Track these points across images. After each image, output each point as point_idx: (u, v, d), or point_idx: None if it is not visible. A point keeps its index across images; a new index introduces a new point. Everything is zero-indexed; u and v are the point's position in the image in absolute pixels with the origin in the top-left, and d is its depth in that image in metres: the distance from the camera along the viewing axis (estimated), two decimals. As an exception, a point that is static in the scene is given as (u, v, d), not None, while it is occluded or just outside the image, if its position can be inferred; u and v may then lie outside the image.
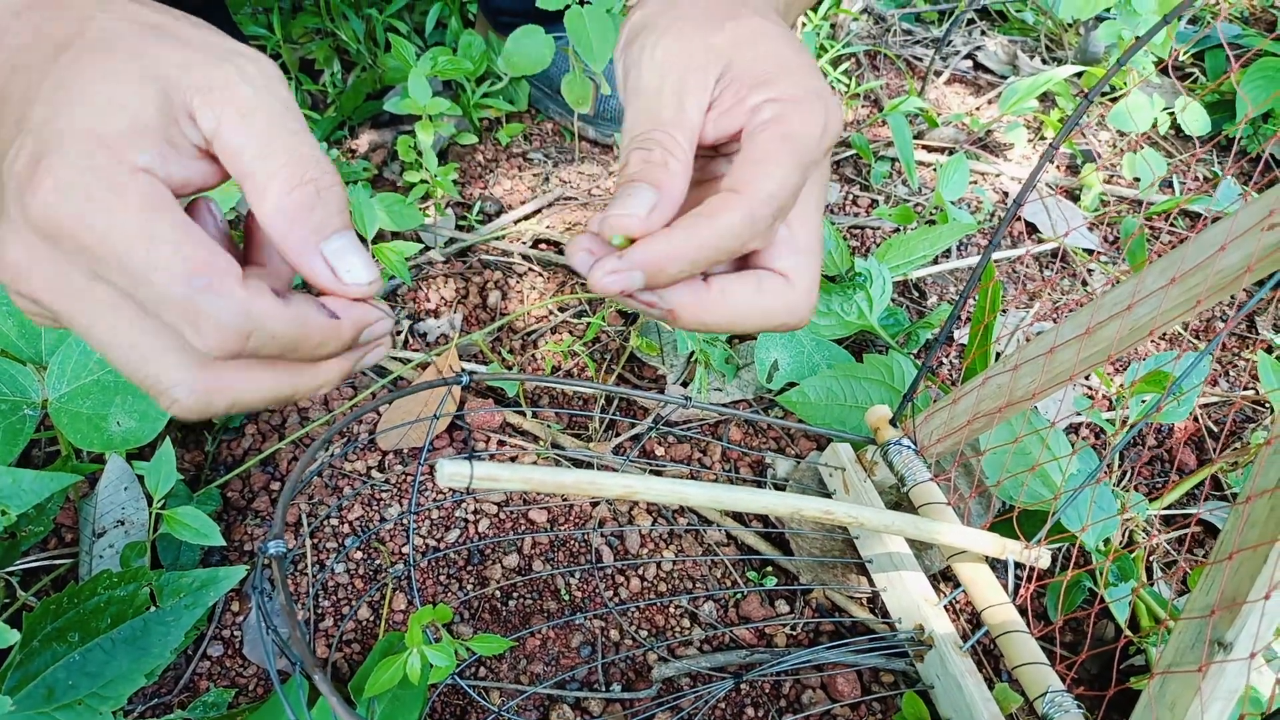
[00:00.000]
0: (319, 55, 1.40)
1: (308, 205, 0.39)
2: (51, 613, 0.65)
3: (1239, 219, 0.61)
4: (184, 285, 0.35)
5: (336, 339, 0.39)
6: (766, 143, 0.44)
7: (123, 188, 0.36)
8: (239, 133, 0.38)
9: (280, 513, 0.49)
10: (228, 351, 0.36)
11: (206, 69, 0.39)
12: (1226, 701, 0.55)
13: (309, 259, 0.39)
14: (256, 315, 0.36)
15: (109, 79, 0.38)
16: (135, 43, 0.39)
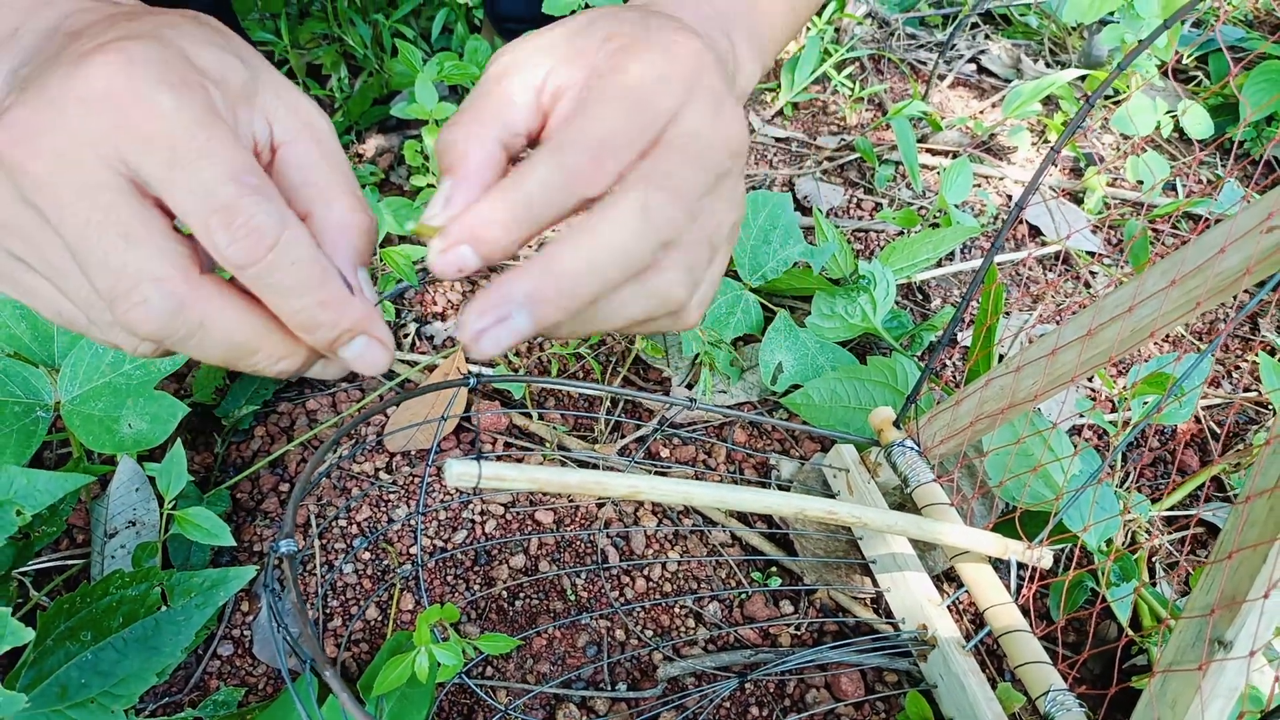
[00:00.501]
0: (326, 60, 1.41)
1: (365, 228, 0.39)
2: (65, 612, 0.65)
3: (1238, 222, 0.61)
4: (232, 178, 0.34)
5: (337, 312, 0.36)
6: (588, 88, 0.40)
7: (190, 83, 0.35)
8: (315, 152, 0.39)
9: (291, 512, 0.50)
10: (249, 254, 0.34)
11: (299, 97, 0.40)
12: (1227, 699, 0.55)
13: (351, 274, 0.38)
14: (291, 231, 0.35)
15: (209, 40, 0.38)
16: (247, 49, 0.40)
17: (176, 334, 0.36)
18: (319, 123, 0.40)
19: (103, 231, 0.35)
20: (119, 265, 0.35)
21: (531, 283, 0.37)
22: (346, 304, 0.37)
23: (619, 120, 0.39)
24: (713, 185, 0.41)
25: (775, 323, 1.00)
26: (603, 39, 0.42)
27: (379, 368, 0.38)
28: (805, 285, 1.05)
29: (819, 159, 1.40)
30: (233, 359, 0.37)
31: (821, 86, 1.56)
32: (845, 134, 1.46)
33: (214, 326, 0.36)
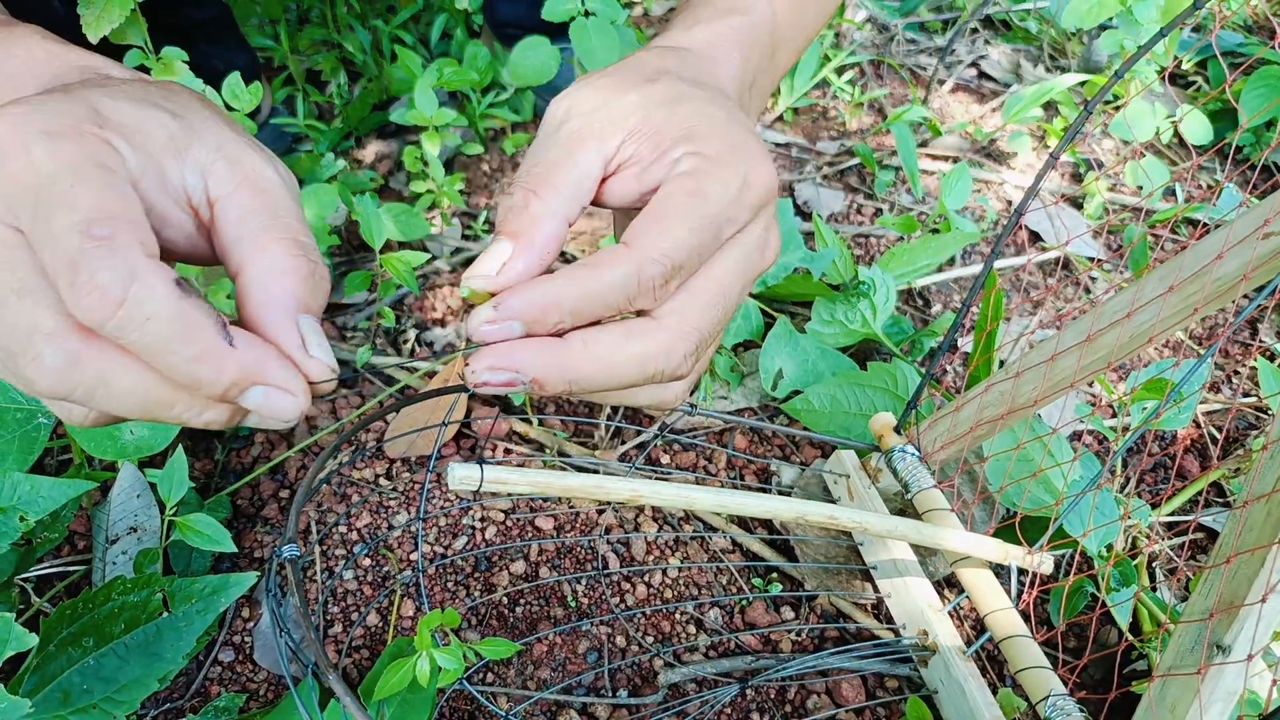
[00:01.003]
0: (325, 66, 1.41)
1: (302, 275, 0.37)
2: (67, 618, 0.66)
3: (1236, 227, 0.61)
4: (81, 229, 0.32)
5: (215, 366, 0.34)
6: (671, 198, 0.41)
7: (81, 132, 0.35)
8: (253, 200, 0.38)
9: (293, 518, 0.50)
10: (96, 316, 0.32)
11: (242, 149, 0.39)
12: (1225, 703, 0.56)
13: (285, 321, 0.37)
14: (140, 285, 0.33)
15: (143, 98, 0.38)
16: (190, 101, 0.40)
17: (76, 390, 0.34)
18: (265, 173, 0.39)
19: (2, 288, 0.34)
20: (13, 320, 0.34)
21: (551, 372, 0.40)
22: (223, 356, 0.34)
23: (695, 247, 0.41)
24: (744, 292, 0.45)
25: (775, 328, 1.00)
26: (683, 134, 0.43)
27: (288, 416, 0.36)
28: (805, 291, 1.05)
29: (819, 164, 1.40)
30: (151, 413, 0.36)
31: (821, 92, 1.56)
32: (845, 139, 1.46)
33: (116, 382, 0.35)
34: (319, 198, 0.97)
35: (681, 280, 0.42)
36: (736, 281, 0.44)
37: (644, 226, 0.41)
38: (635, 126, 0.44)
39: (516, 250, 0.40)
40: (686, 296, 0.42)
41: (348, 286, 1.00)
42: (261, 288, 0.37)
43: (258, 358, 0.35)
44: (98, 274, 0.32)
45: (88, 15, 0.66)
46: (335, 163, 1.22)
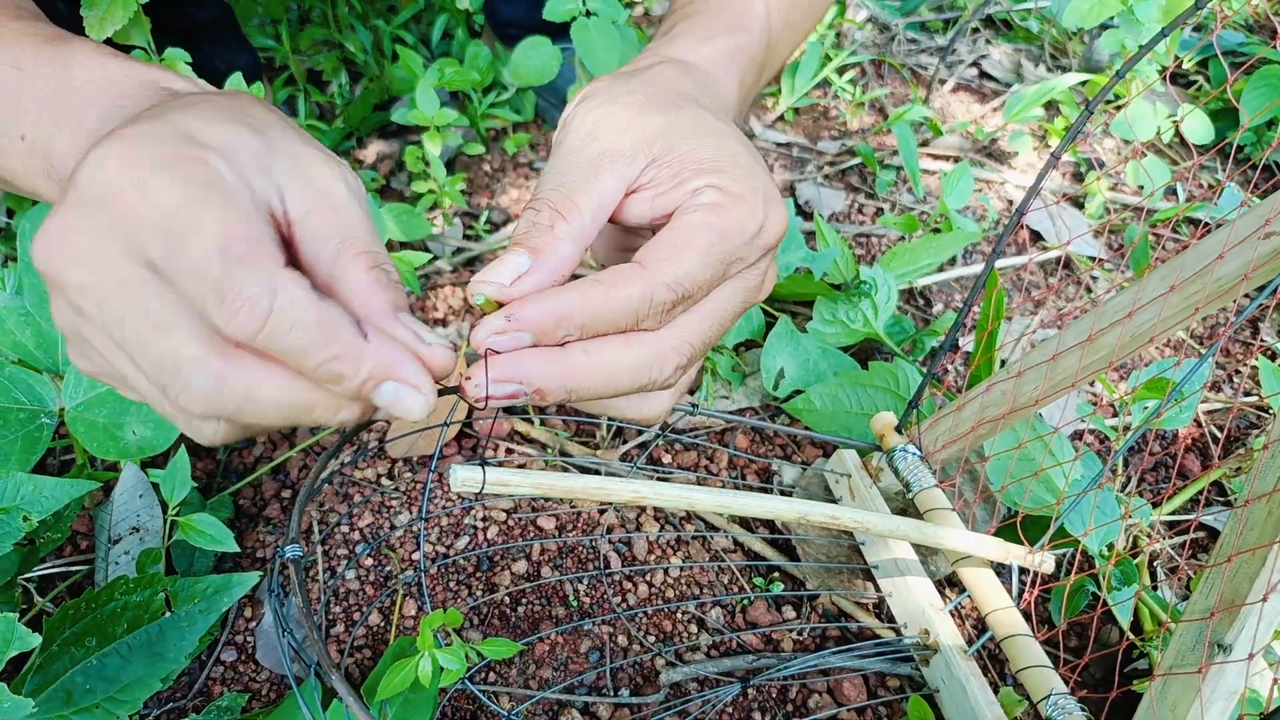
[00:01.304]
0: (326, 66, 1.41)
1: (385, 284, 0.39)
2: (70, 618, 0.66)
3: (1237, 227, 0.61)
4: (219, 253, 0.34)
5: (354, 363, 0.37)
6: (692, 226, 0.43)
7: (187, 158, 0.36)
8: (328, 221, 0.39)
9: (296, 517, 0.50)
10: (247, 330, 0.35)
11: (315, 163, 0.40)
12: (1226, 702, 0.56)
13: (392, 321, 0.39)
14: (283, 295, 0.35)
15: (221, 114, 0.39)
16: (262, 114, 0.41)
17: (227, 408, 0.37)
18: (335, 188, 0.40)
19: (138, 324, 0.36)
20: (157, 354, 0.36)
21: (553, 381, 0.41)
22: (362, 353, 0.37)
23: (706, 281, 0.42)
24: (736, 319, 0.47)
25: (777, 328, 1.00)
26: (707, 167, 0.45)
27: (415, 412, 0.38)
28: (807, 291, 1.05)
29: (820, 164, 1.40)
30: (293, 419, 0.38)
31: (822, 91, 1.56)
32: (846, 139, 1.46)
33: (261, 394, 0.37)
34: (321, 198, 0.97)
35: (686, 308, 0.43)
36: (733, 309, 0.46)
37: (661, 252, 0.42)
38: (659, 154, 0.45)
39: (534, 266, 0.41)
40: (685, 314, 0.44)
41: (349, 286, 1.00)
42: (359, 302, 0.38)
43: (391, 353, 0.37)
44: (244, 290, 0.34)
45: (91, 16, 0.66)
46: (337, 163, 1.22)
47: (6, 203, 1.08)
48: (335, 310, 0.36)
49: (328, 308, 0.36)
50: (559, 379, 0.41)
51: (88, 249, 0.36)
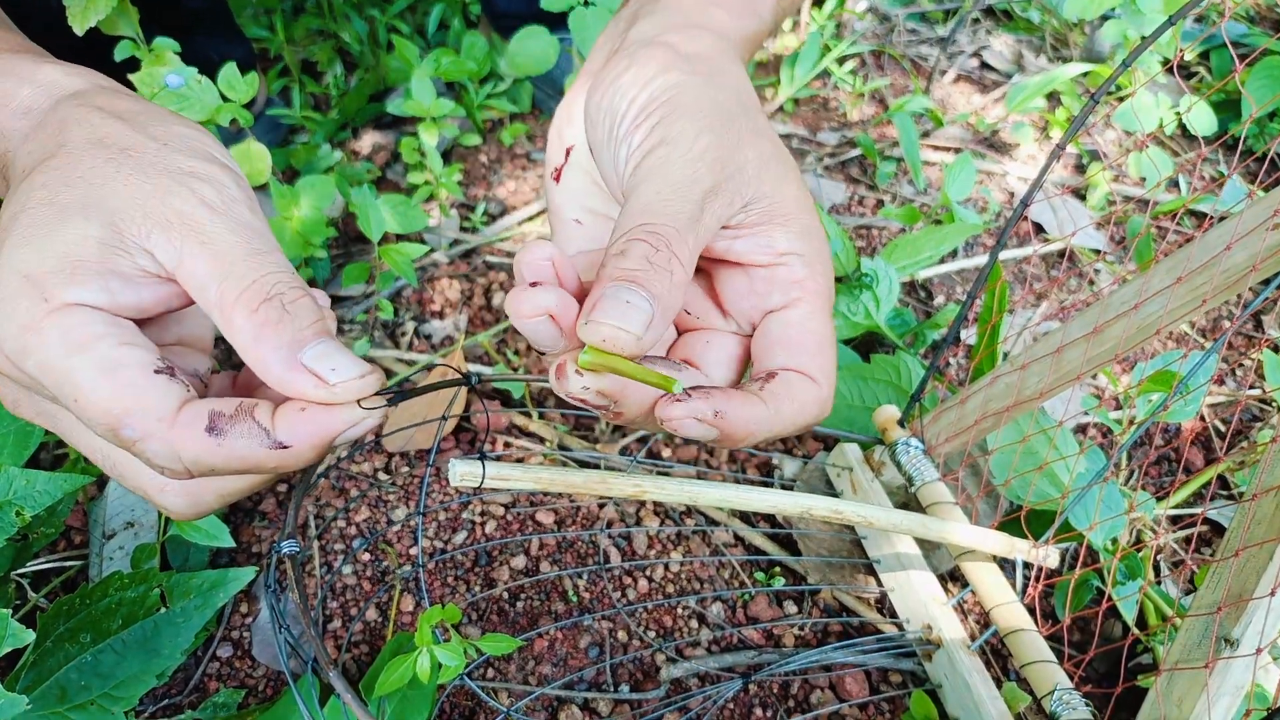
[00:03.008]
0: (321, 57, 1.40)
1: (274, 321, 0.37)
2: (64, 614, 0.65)
3: (1244, 219, 0.61)
4: (114, 435, 0.36)
5: (293, 460, 0.38)
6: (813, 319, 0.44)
7: (43, 330, 0.35)
8: (200, 263, 0.38)
9: (292, 512, 0.50)
10: (179, 478, 0.38)
11: (166, 200, 0.38)
12: (1233, 697, 0.55)
13: (291, 375, 0.37)
14: (188, 456, 0.36)
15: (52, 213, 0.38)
16: (94, 170, 0.39)
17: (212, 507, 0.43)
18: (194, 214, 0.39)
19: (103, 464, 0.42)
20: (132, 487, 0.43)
21: None
22: (286, 458, 0.38)
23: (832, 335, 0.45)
24: None
25: (777, 320, 0.99)
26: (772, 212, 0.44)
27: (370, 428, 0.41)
28: (807, 283, 1.04)
29: (820, 155, 1.39)
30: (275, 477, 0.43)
31: (822, 82, 1.55)
32: (847, 130, 1.45)
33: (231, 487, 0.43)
34: (316, 189, 0.96)
35: None
36: None
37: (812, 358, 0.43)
38: (751, 199, 0.43)
39: (656, 318, 0.36)
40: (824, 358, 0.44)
41: (345, 279, 0.99)
42: (254, 357, 0.37)
43: (313, 431, 0.38)
44: (152, 460, 0.37)
45: (74, 6, 0.64)
46: (332, 154, 1.21)
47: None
48: (243, 439, 0.37)
49: (231, 442, 0.37)
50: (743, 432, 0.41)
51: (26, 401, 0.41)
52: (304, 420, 0.37)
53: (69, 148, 0.40)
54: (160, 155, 0.40)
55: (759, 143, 0.45)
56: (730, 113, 0.45)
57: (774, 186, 0.44)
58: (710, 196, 0.40)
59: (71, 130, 0.41)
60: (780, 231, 0.44)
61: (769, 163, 0.44)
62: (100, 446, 0.41)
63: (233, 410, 0.37)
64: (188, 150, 0.41)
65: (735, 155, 0.43)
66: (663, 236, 0.38)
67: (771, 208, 0.44)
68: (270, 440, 0.37)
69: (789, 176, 0.46)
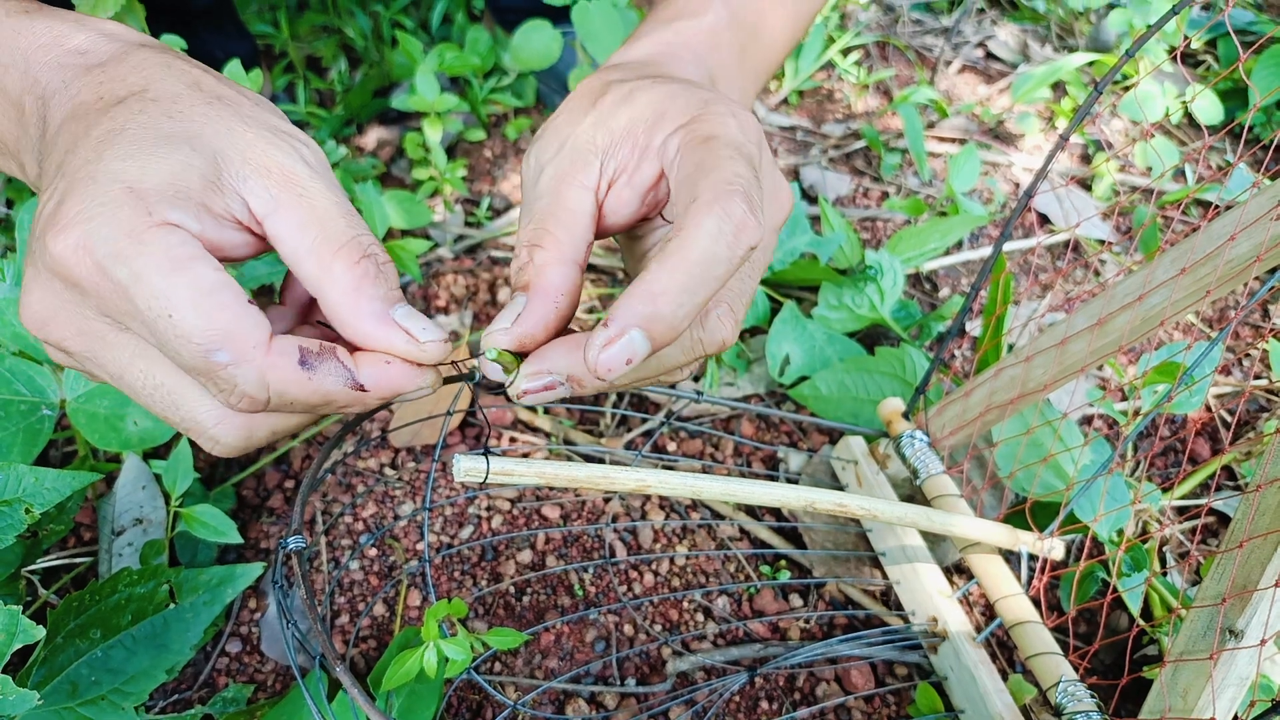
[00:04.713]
0: (325, 52, 1.40)
1: (373, 276, 0.39)
2: (74, 610, 0.66)
3: (1248, 209, 0.60)
4: (203, 358, 0.35)
5: (361, 404, 0.39)
6: (691, 154, 0.40)
7: (145, 241, 0.35)
8: (297, 215, 0.39)
9: (299, 508, 0.50)
10: (251, 409, 0.37)
11: (267, 150, 0.39)
12: (1238, 688, 0.55)
13: (385, 328, 0.39)
14: (277, 385, 0.37)
15: (157, 138, 0.37)
16: (194, 109, 0.39)
17: (260, 443, 0.41)
18: (295, 173, 0.39)
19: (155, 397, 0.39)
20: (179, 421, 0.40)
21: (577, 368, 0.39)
22: (364, 399, 0.39)
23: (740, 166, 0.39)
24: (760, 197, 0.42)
25: (782, 314, 1.00)
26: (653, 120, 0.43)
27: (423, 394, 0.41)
28: (812, 276, 1.04)
29: (825, 147, 1.39)
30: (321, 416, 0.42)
31: (827, 73, 1.55)
32: (851, 121, 1.45)
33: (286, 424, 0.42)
34: (321, 186, 0.96)
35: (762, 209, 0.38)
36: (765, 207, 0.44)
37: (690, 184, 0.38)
38: (604, 144, 0.44)
39: (529, 301, 0.40)
40: None
41: (351, 275, 0.99)
42: (346, 308, 0.39)
43: (390, 384, 0.39)
44: (238, 388, 0.36)
45: (82, 5, 0.65)
46: (337, 150, 1.22)
47: (6, 193, 1.07)
48: (327, 375, 0.38)
49: (318, 379, 0.37)
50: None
51: (67, 318, 0.38)
52: (386, 371, 0.39)
53: (163, 86, 0.40)
54: (256, 111, 0.41)
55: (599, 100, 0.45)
56: (574, 107, 0.46)
57: (627, 113, 0.44)
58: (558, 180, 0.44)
59: (158, 72, 0.41)
60: (655, 136, 0.43)
61: (617, 103, 0.44)
62: (151, 375, 0.38)
63: (318, 349, 0.38)
64: (277, 114, 0.42)
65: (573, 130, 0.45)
66: (523, 244, 0.42)
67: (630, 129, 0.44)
68: (352, 380, 0.38)
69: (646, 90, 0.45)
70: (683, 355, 0.42)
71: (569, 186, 0.43)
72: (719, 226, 0.36)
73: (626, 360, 0.35)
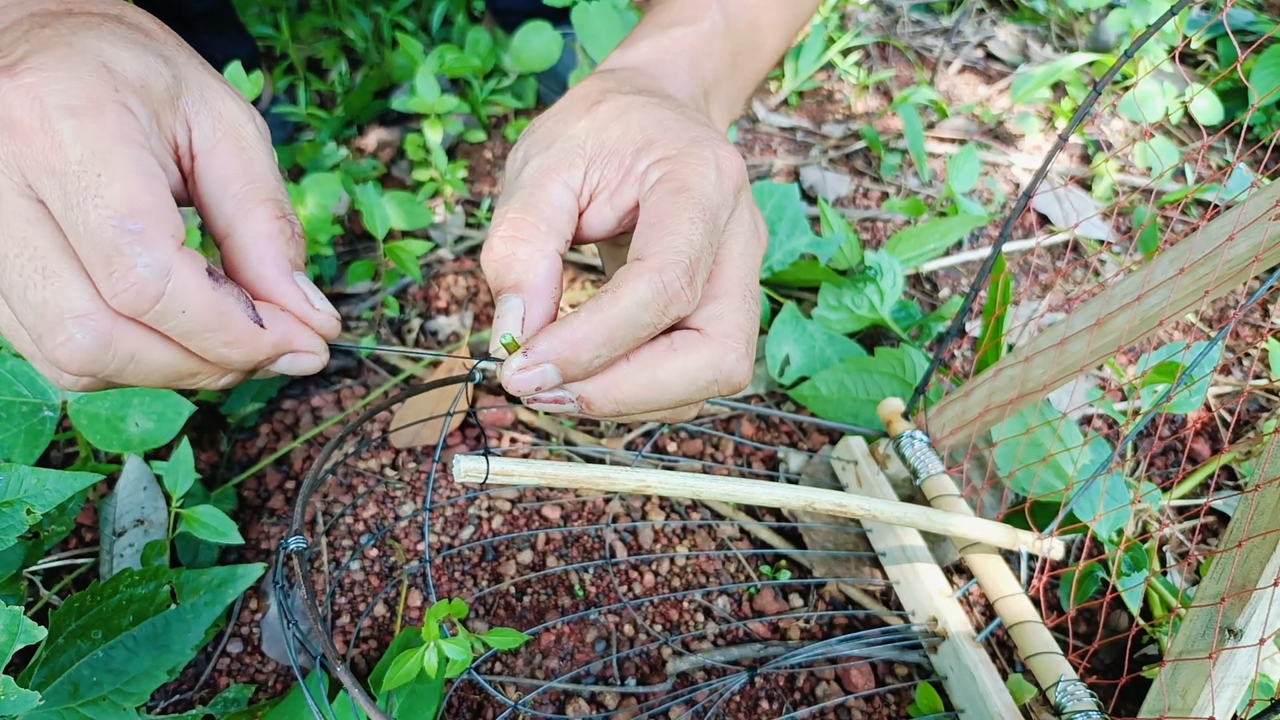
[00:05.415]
0: (326, 54, 1.41)
1: (288, 235, 0.39)
2: (75, 610, 0.66)
3: (1247, 209, 0.61)
4: (116, 223, 0.33)
5: (250, 346, 0.37)
6: (660, 202, 0.41)
7: (102, 108, 0.34)
8: (234, 160, 0.39)
9: (299, 508, 0.50)
10: (133, 307, 0.34)
11: (224, 97, 0.40)
12: (1237, 687, 0.55)
13: (286, 280, 0.38)
14: (177, 280, 0.34)
15: (131, 41, 0.37)
16: (167, 41, 0.40)
17: (107, 368, 0.35)
18: (244, 128, 0.40)
19: (20, 265, 0.34)
20: (39, 302, 0.34)
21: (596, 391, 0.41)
22: (257, 337, 0.37)
23: (703, 238, 0.40)
24: (757, 279, 0.45)
25: (782, 314, 1.00)
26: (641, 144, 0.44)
27: (309, 371, 0.40)
28: (812, 276, 1.04)
29: (825, 148, 1.39)
30: (173, 382, 0.37)
31: (827, 74, 1.55)
32: (851, 122, 1.45)
33: (147, 358, 0.36)
34: (321, 186, 0.97)
35: (703, 277, 0.41)
36: (750, 271, 0.44)
37: (647, 237, 0.40)
38: (594, 152, 0.44)
39: (527, 301, 0.41)
40: (717, 303, 0.42)
41: (351, 276, 1.00)
42: (255, 252, 0.38)
43: (285, 331, 0.38)
44: (134, 269, 0.33)
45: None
46: (337, 151, 1.22)
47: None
48: (230, 296, 0.36)
49: (222, 294, 0.35)
50: (601, 391, 0.40)
51: None
52: (283, 317, 0.38)
53: (136, 18, 0.41)
54: (222, 83, 0.41)
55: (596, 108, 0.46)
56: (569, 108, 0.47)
57: (619, 128, 0.45)
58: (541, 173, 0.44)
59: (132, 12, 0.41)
60: (639, 161, 0.44)
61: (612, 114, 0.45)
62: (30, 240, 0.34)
63: (224, 275, 0.37)
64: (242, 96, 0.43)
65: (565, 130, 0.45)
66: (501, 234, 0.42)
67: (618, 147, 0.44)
68: (253, 313, 0.37)
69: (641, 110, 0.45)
70: (699, 397, 0.43)
71: (552, 181, 0.44)
72: (651, 295, 0.39)
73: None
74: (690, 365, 0.41)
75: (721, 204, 0.42)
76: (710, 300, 0.43)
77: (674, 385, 0.41)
